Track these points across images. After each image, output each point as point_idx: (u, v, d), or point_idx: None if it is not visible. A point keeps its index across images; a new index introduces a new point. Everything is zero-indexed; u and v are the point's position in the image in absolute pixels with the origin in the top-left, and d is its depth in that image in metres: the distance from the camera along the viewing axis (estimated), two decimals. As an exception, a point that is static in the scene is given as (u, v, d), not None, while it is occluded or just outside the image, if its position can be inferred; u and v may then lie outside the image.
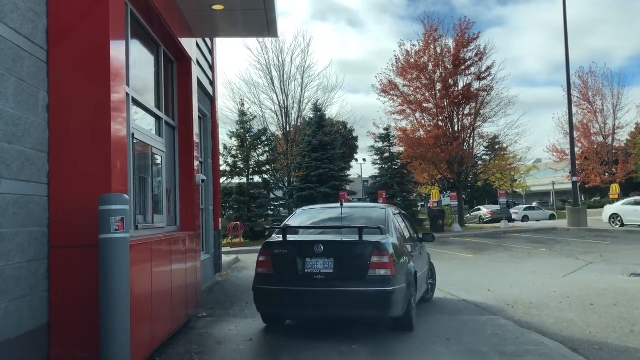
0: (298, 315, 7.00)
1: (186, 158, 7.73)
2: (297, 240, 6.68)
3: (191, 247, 7.41)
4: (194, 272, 7.51)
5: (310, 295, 6.12)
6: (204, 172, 11.80)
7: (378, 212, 7.42)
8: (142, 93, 6.15)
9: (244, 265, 16.10)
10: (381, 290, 5.99)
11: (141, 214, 6.08)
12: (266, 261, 6.48)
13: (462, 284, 11.43)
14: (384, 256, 6.07)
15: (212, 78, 12.47)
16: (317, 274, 6.09)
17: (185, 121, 7.79)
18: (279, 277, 6.33)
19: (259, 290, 6.53)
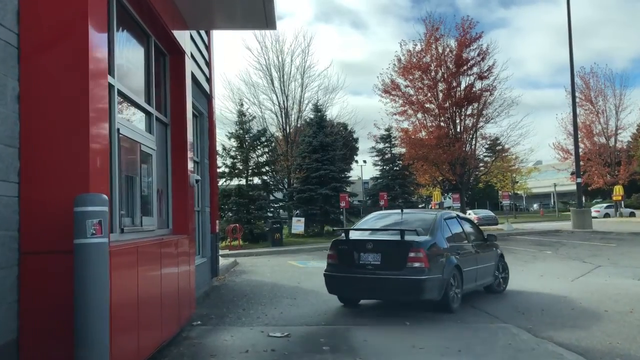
0: (354, 295, 8.83)
1: (179, 157, 7.29)
2: (354, 239, 8.52)
3: (184, 250, 6.96)
4: (187, 278, 7.07)
5: (363, 280, 8.06)
6: (200, 173, 11.37)
7: (428, 217, 9.11)
8: (129, 86, 5.72)
9: (242, 268, 15.66)
10: (415, 278, 7.74)
11: (128, 216, 5.64)
12: (333, 254, 8.58)
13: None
14: (419, 252, 7.81)
15: (209, 75, 12.05)
16: (368, 264, 8.01)
17: (178, 118, 7.35)
18: (341, 266, 8.37)
19: (328, 276, 8.64)
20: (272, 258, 19.09)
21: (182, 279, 6.76)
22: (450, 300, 8.15)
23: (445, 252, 8.33)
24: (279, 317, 8.26)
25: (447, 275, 8.07)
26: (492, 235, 10.58)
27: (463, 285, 8.56)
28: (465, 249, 9.16)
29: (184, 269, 6.87)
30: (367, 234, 8.80)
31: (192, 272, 7.47)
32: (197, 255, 10.93)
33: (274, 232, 23.01)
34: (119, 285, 4.34)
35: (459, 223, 9.54)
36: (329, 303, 9.41)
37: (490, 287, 10.07)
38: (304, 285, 11.73)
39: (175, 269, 6.43)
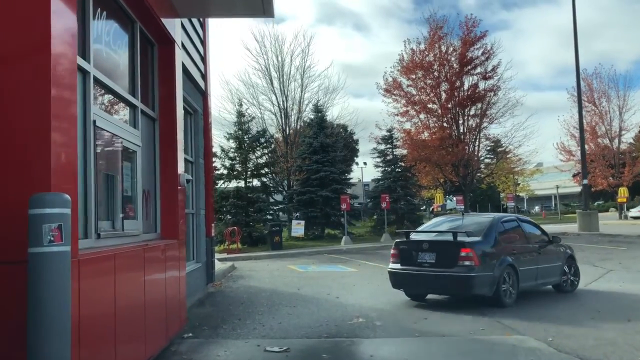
0: (414, 290, 9.60)
1: (168, 154, 6.70)
2: (413, 240, 9.58)
3: (173, 256, 6.37)
4: (176, 286, 6.48)
5: (420, 277, 9.04)
6: (195, 173, 10.78)
7: (484, 220, 9.80)
8: (110, 74, 5.13)
9: (240, 273, 15.06)
10: (465, 275, 8.59)
11: (108, 220, 5.06)
12: (395, 253, 9.50)
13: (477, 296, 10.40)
14: (469, 251, 8.60)
15: (204, 71, 11.47)
16: (425, 262, 8.93)
17: (167, 112, 6.76)
18: (402, 263, 9.30)
19: (391, 273, 9.56)
20: (271, 262, 18.50)
21: (170, 287, 6.17)
22: (502, 296, 8.82)
23: (498, 251, 9.02)
24: (277, 328, 7.66)
25: (498, 273, 8.76)
26: (557, 237, 10.80)
27: (519, 283, 9.16)
28: (523, 249, 9.71)
29: (172, 276, 6.28)
30: (424, 235, 9.80)
31: (182, 279, 6.88)
32: (191, 261, 10.37)
33: (273, 235, 22.40)
34: (90, 297, 3.77)
35: (519, 225, 10.19)
36: (330, 311, 8.83)
37: (559, 286, 10.43)
38: (304, 292, 11.13)
39: (162, 277, 5.84)
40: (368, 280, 12.91)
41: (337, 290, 11.19)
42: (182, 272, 6.93)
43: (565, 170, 50.85)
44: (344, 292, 11.05)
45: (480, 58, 27.79)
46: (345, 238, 24.55)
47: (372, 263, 16.96)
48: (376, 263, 16.85)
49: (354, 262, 17.59)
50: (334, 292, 10.93)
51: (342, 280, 13.11)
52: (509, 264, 9.01)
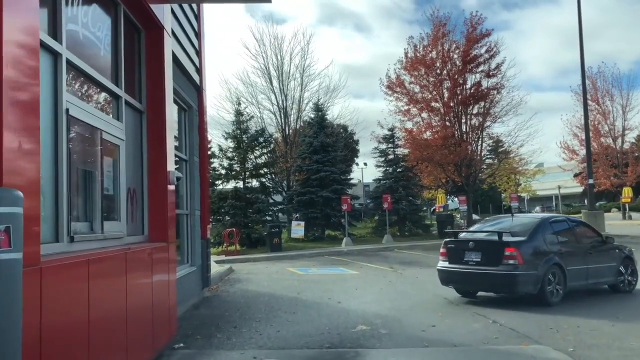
0: (461, 287, 9.99)
1: (156, 150, 6.18)
2: (460, 239, 9.97)
3: (161, 260, 5.85)
4: (165, 292, 5.96)
5: (467, 274, 9.42)
6: (189, 172, 10.27)
7: (531, 221, 10.11)
8: (88, 59, 4.62)
9: (237, 276, 14.53)
10: (509, 273, 8.81)
11: (87, 221, 4.54)
12: (444, 252, 9.92)
13: (487, 299, 9.91)
14: (512, 251, 8.86)
15: (199, 65, 10.95)
16: (471, 261, 9.30)
17: (155, 105, 6.25)
18: (450, 262, 9.71)
19: (440, 270, 9.96)
20: (270, 264, 17.97)
21: (158, 294, 5.65)
22: (548, 295, 8.97)
23: (543, 251, 9.19)
24: (275, 337, 7.13)
25: (543, 272, 8.91)
26: (611, 238, 10.91)
27: (567, 282, 9.28)
28: (572, 248, 9.78)
29: (160, 282, 5.76)
30: (470, 235, 10.18)
31: (172, 285, 6.35)
32: (185, 264, 9.85)
33: (272, 236, 21.85)
34: (56, 308, 3.27)
35: (568, 225, 10.34)
36: (332, 318, 8.30)
37: (615, 286, 10.39)
38: (304, 296, 10.61)
39: (148, 283, 5.32)
40: (370, 283, 12.39)
41: (338, 295, 10.67)
42: (172, 277, 6.41)
43: (568, 169, 50.31)
44: (345, 296, 10.53)
45: (484, 56, 27.27)
46: (346, 239, 24.03)
47: (374, 265, 16.44)
48: (378, 265, 16.34)
49: (355, 264, 17.07)
50: (335, 297, 10.41)
51: (344, 283, 12.59)
52: (555, 263, 9.16)
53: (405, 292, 11.06)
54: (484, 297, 10.11)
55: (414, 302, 9.78)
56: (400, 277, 13.41)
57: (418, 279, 13.08)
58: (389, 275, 13.82)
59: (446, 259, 9.85)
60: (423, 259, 18.09)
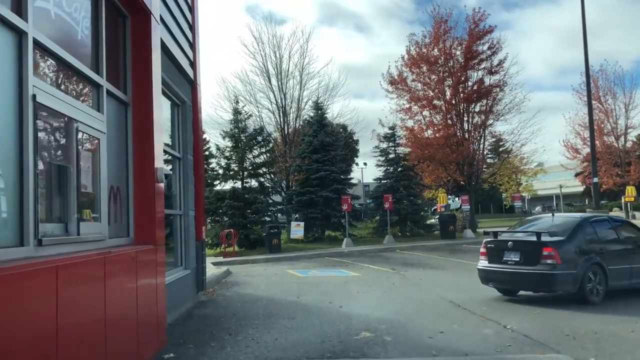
0: (501, 286, 10.02)
1: (143, 145, 5.71)
2: (499, 240, 9.98)
3: (148, 264, 5.39)
4: (152, 299, 5.49)
5: (506, 274, 9.51)
6: (183, 170, 9.80)
7: (571, 220, 10.08)
8: (63, 42, 4.15)
9: (235, 279, 14.06)
10: (547, 272, 8.94)
11: (61, 222, 4.07)
12: (484, 252, 10.00)
13: (493, 302, 9.49)
14: (550, 251, 8.97)
15: (193, 59, 10.50)
16: (510, 260, 9.41)
17: (141, 96, 5.78)
18: (490, 261, 9.83)
19: (480, 270, 10.02)
20: (269, 266, 17.50)
21: (144, 301, 5.18)
22: (587, 294, 9.01)
23: (582, 250, 9.21)
24: (273, 345, 6.67)
25: (583, 271, 8.97)
26: None
27: (608, 282, 9.29)
28: (614, 248, 9.78)
29: (147, 287, 5.29)
30: (510, 235, 10.19)
31: (161, 290, 5.88)
32: (178, 267, 9.40)
33: (271, 237, 21.37)
34: (12, 322, 2.79)
35: (611, 225, 10.25)
36: (333, 324, 7.83)
37: None
38: (304, 300, 10.14)
39: (131, 289, 4.85)
40: (373, 286, 11.92)
41: (339, 298, 10.21)
42: (161, 281, 5.93)
43: (571, 168, 49.84)
44: (347, 300, 10.06)
45: (487, 52, 26.75)
46: (347, 240, 23.55)
47: (375, 267, 15.97)
48: (379, 267, 15.88)
49: (356, 265, 16.60)
50: (336, 301, 9.95)
51: (345, 286, 12.12)
52: (596, 262, 9.21)
53: (409, 295, 10.60)
54: (491, 299, 9.66)
55: (419, 306, 9.31)
56: (403, 279, 12.94)
57: (422, 280, 12.62)
58: (392, 277, 13.36)
59: (486, 259, 9.96)
60: (426, 260, 17.63)
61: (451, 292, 10.69)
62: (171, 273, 8.83)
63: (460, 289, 11.14)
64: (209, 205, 23.93)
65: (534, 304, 9.21)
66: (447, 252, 20.16)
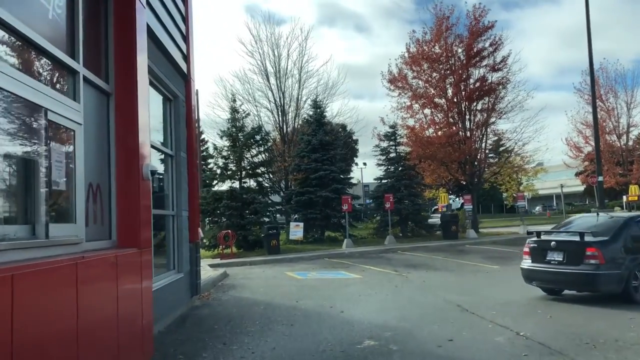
0: (544, 285, 9.96)
1: (127, 139, 5.23)
2: (543, 240, 9.89)
3: (132, 270, 4.90)
4: (136, 307, 5.00)
5: (549, 273, 9.50)
6: (176, 168, 9.32)
7: (615, 220, 9.91)
8: (27, 19, 3.66)
9: (232, 282, 13.57)
10: (590, 272, 8.90)
11: (26, 223, 3.58)
12: (527, 251, 9.99)
13: (502, 306, 8.98)
14: (594, 251, 8.95)
15: (187, 52, 10.01)
16: (553, 260, 9.41)
17: (125, 85, 5.29)
18: (533, 261, 9.81)
19: (523, 269, 10.00)
20: (267, 268, 17.00)
21: (126, 309, 4.69)
22: (633, 294, 8.95)
23: (627, 250, 9.13)
24: (270, 355, 6.18)
25: (628, 271, 8.92)
26: None
27: None
28: None
29: (130, 295, 4.81)
30: (553, 235, 10.08)
31: (147, 298, 5.39)
32: (171, 271, 8.92)
33: (270, 238, 20.87)
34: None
35: None
36: (334, 331, 7.35)
37: None
38: (303, 305, 9.65)
39: (111, 297, 4.36)
40: (375, 289, 11.44)
41: (341, 302, 9.73)
42: (148, 288, 5.45)
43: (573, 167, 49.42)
44: (349, 304, 9.58)
45: (489, 49, 26.23)
46: (347, 241, 23.05)
47: (377, 268, 15.48)
48: (381, 268, 15.40)
49: (357, 267, 16.12)
50: (337, 305, 9.47)
51: (346, 289, 11.63)
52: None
53: (413, 298, 10.12)
54: (500, 302, 9.17)
55: (424, 311, 8.83)
56: (406, 282, 12.45)
57: (425, 283, 12.13)
58: (394, 280, 12.87)
59: (529, 258, 9.99)
60: (429, 261, 17.14)
61: (457, 295, 10.23)
62: (163, 277, 8.35)
63: (466, 291, 10.67)
64: (207, 206, 23.43)
65: (546, 308, 8.73)
66: (450, 253, 19.68)
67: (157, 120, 8.92)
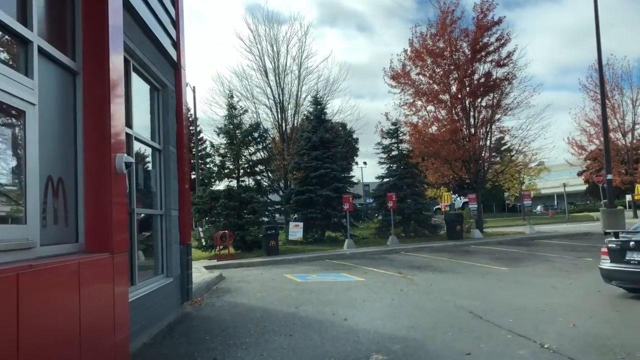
0: (624, 285, 9.70)
1: (97, 125, 4.49)
2: (621, 240, 9.62)
3: (101, 279, 4.17)
4: (106, 323, 4.27)
5: (629, 273, 9.31)
6: (164, 164, 8.58)
7: None
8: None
9: (227, 285, 12.82)
10: None
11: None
12: (605, 252, 9.84)
13: (518, 312, 8.26)
14: None
15: (176, 38, 9.30)
16: (633, 260, 9.24)
17: (95, 63, 4.55)
18: (612, 261, 9.67)
19: (602, 269, 9.80)
20: (265, 270, 16.26)
21: (92, 325, 3.96)
22: None
23: None
24: (265, 374, 5.45)
25: None
26: None
27: None
28: None
29: (97, 308, 4.08)
30: (631, 235, 9.84)
31: (120, 310, 4.65)
32: (159, 275, 8.19)
33: (268, 239, 20.13)
34: None
35: None
36: (338, 342, 6.62)
37: None
38: (303, 312, 8.91)
39: (70, 312, 3.62)
40: (379, 293, 10.71)
41: (344, 309, 9.00)
42: (122, 298, 4.70)
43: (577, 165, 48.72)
44: (352, 310, 8.85)
45: (495, 44, 25.43)
46: (348, 241, 22.29)
47: (380, 270, 14.74)
48: (385, 270, 14.66)
49: (359, 269, 15.38)
50: (340, 312, 8.74)
51: (349, 293, 10.90)
52: None
53: (421, 304, 9.39)
54: (514, 308, 8.43)
55: (435, 318, 8.09)
56: (412, 285, 11.71)
57: (432, 286, 11.40)
58: (399, 283, 12.13)
59: (608, 258, 9.88)
60: (434, 262, 16.41)
61: (467, 299, 9.51)
62: (150, 282, 7.63)
63: (477, 295, 9.96)
64: (203, 205, 22.71)
65: (566, 315, 7.98)
66: (456, 253, 18.95)
67: (143, 111, 8.19)
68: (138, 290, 6.90)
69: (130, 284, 6.77)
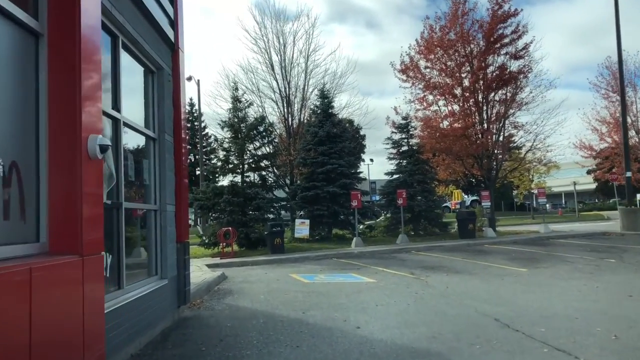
0: None
1: (64, 100, 3.68)
2: None
3: (65, 287, 3.37)
4: (71, 341, 3.47)
5: None
6: (159, 154, 7.80)
7: None
8: None
9: (229, 286, 12.03)
10: None
11: None
12: None
13: (548, 320, 7.42)
14: None
15: (175, 18, 8.51)
16: None
17: (64, 24, 3.75)
18: None
19: None
20: (270, 269, 15.47)
21: (47, 345, 3.16)
22: None
23: None
24: (267, 397, 4.65)
25: None
26: None
27: None
28: None
29: (58, 323, 3.28)
30: None
31: (92, 325, 3.86)
32: (153, 276, 7.41)
33: (273, 236, 19.35)
34: None
35: None
36: (352, 356, 5.83)
37: None
38: (311, 318, 8.10)
39: (18, 329, 2.82)
40: (393, 296, 9.89)
41: (355, 314, 8.19)
42: (96, 310, 3.91)
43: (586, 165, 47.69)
44: (365, 316, 8.04)
45: (511, 36, 24.46)
46: (356, 239, 21.46)
47: (391, 270, 13.92)
48: (396, 270, 13.84)
49: (369, 269, 14.56)
50: (351, 318, 7.94)
51: (359, 296, 10.09)
52: None
53: (439, 309, 8.56)
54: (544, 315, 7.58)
55: (457, 327, 7.26)
56: (427, 288, 10.88)
57: (449, 289, 10.57)
58: (413, 285, 11.31)
59: None
60: (447, 262, 15.56)
61: (489, 304, 8.68)
62: (141, 285, 6.86)
63: (499, 300, 9.14)
64: (206, 201, 21.96)
65: (604, 324, 7.12)
66: (469, 253, 18.08)
67: (135, 94, 7.41)
68: (126, 294, 6.13)
69: (117, 287, 6.01)
